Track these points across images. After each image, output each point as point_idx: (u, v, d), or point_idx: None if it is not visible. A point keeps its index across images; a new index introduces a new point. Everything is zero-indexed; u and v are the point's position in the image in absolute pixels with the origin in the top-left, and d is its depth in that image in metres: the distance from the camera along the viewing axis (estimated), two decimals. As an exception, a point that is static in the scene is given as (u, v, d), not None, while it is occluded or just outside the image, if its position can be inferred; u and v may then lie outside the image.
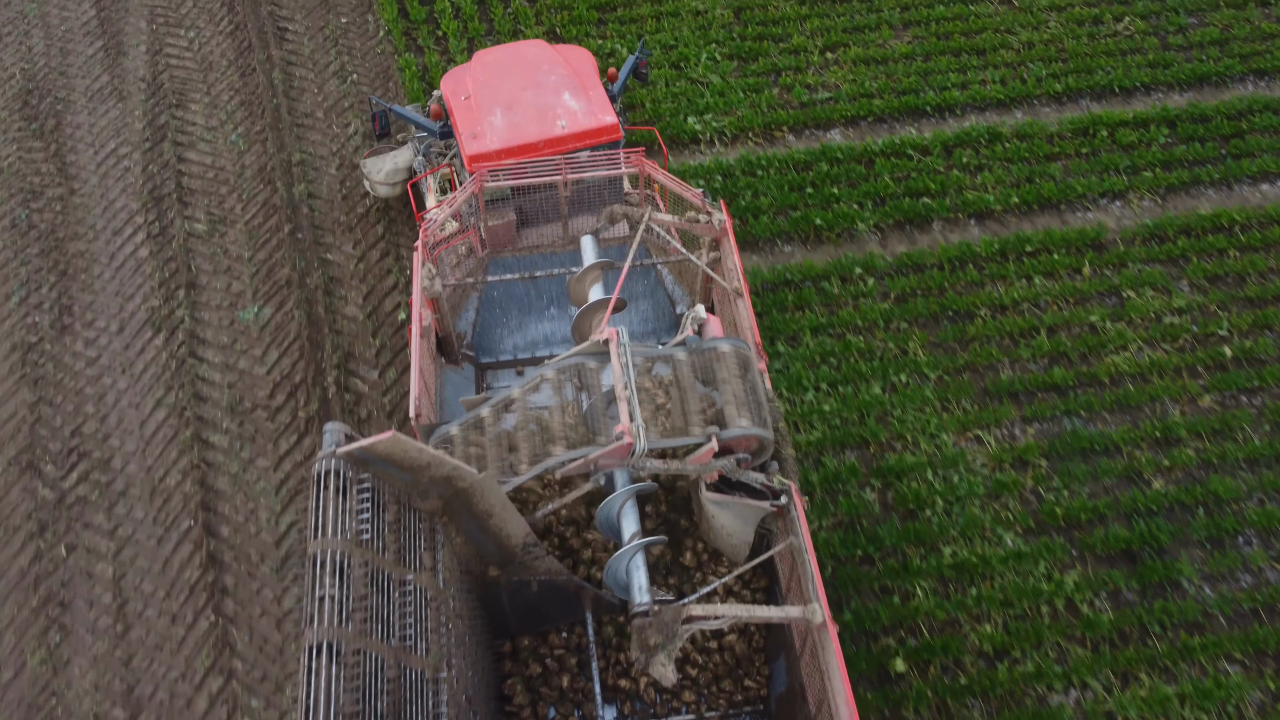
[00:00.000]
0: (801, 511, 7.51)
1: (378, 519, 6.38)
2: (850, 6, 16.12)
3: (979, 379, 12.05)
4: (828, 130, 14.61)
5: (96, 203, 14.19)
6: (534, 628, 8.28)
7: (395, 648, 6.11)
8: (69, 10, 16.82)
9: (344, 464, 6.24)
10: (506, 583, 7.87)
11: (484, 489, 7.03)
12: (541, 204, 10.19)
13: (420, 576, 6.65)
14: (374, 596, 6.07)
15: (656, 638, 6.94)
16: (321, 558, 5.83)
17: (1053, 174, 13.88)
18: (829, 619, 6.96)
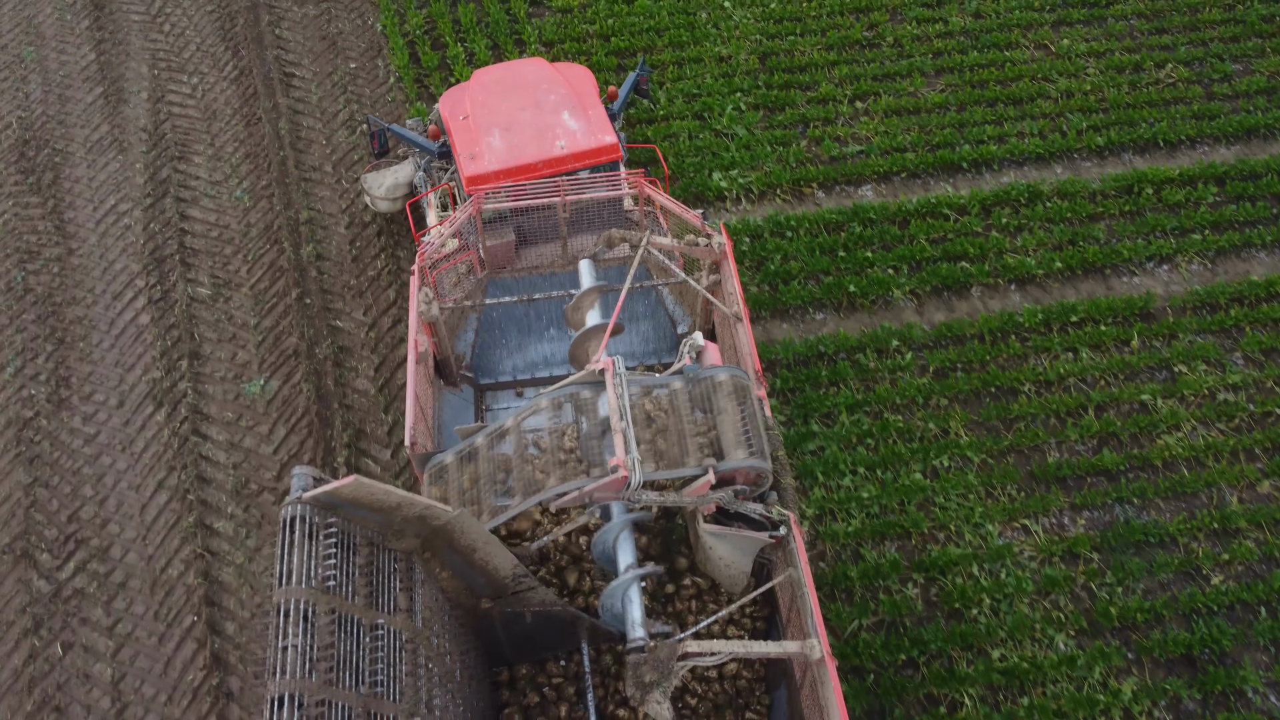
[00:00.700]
0: (801, 543, 7.44)
1: (347, 563, 6.28)
2: (880, 53, 15.48)
3: (1025, 462, 11.42)
4: (859, 186, 13.98)
5: (95, 264, 13.59)
6: (531, 656, 8.19)
7: (364, 695, 6.00)
8: (67, 54, 16.21)
9: (310, 510, 6.13)
10: (500, 613, 7.74)
11: (462, 526, 6.88)
12: (541, 224, 10.11)
13: (394, 619, 6.54)
14: (342, 643, 5.97)
15: (652, 675, 6.83)
16: (285, 607, 5.74)
17: (1096, 236, 13.24)
18: (828, 654, 6.86)
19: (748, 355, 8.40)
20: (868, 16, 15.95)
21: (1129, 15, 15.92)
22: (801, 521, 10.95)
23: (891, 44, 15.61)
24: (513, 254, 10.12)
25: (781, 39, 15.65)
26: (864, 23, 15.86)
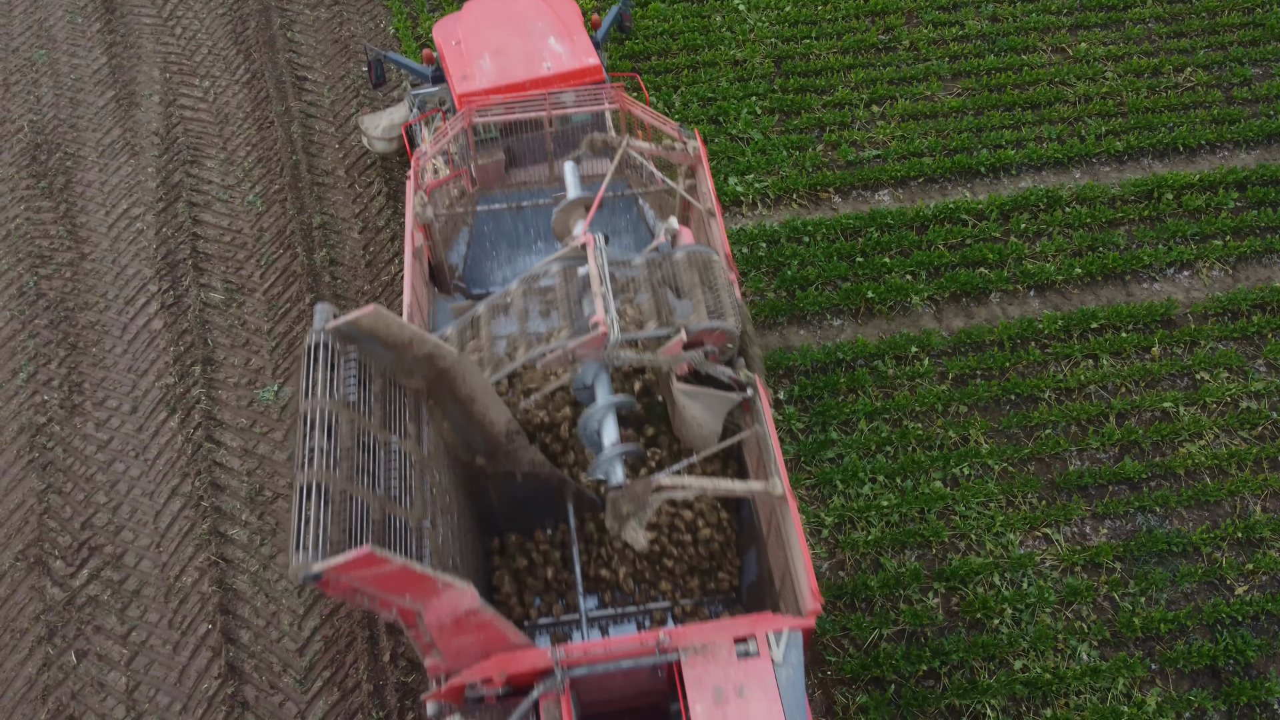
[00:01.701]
0: (766, 403, 8.13)
1: (364, 389, 6.81)
2: (896, 56, 15.37)
3: (1045, 470, 11.31)
4: (876, 191, 13.87)
5: (108, 269, 13.53)
6: (521, 526, 8.84)
7: (380, 496, 6.51)
8: (79, 58, 16.16)
9: (332, 338, 6.68)
10: (494, 474, 8.27)
11: (465, 371, 7.49)
12: (529, 144, 10.86)
13: (405, 443, 7.10)
14: (360, 453, 6.50)
15: (628, 507, 7.49)
16: (311, 416, 6.29)
17: (1116, 242, 13.13)
18: (789, 493, 7.53)
19: (720, 247, 9.24)
20: (883, 20, 15.86)
21: (1147, 18, 15.81)
22: (821, 530, 10.88)
23: (908, 48, 15.51)
24: (503, 172, 10.92)
25: (797, 42, 15.56)
26: (880, 26, 15.76)
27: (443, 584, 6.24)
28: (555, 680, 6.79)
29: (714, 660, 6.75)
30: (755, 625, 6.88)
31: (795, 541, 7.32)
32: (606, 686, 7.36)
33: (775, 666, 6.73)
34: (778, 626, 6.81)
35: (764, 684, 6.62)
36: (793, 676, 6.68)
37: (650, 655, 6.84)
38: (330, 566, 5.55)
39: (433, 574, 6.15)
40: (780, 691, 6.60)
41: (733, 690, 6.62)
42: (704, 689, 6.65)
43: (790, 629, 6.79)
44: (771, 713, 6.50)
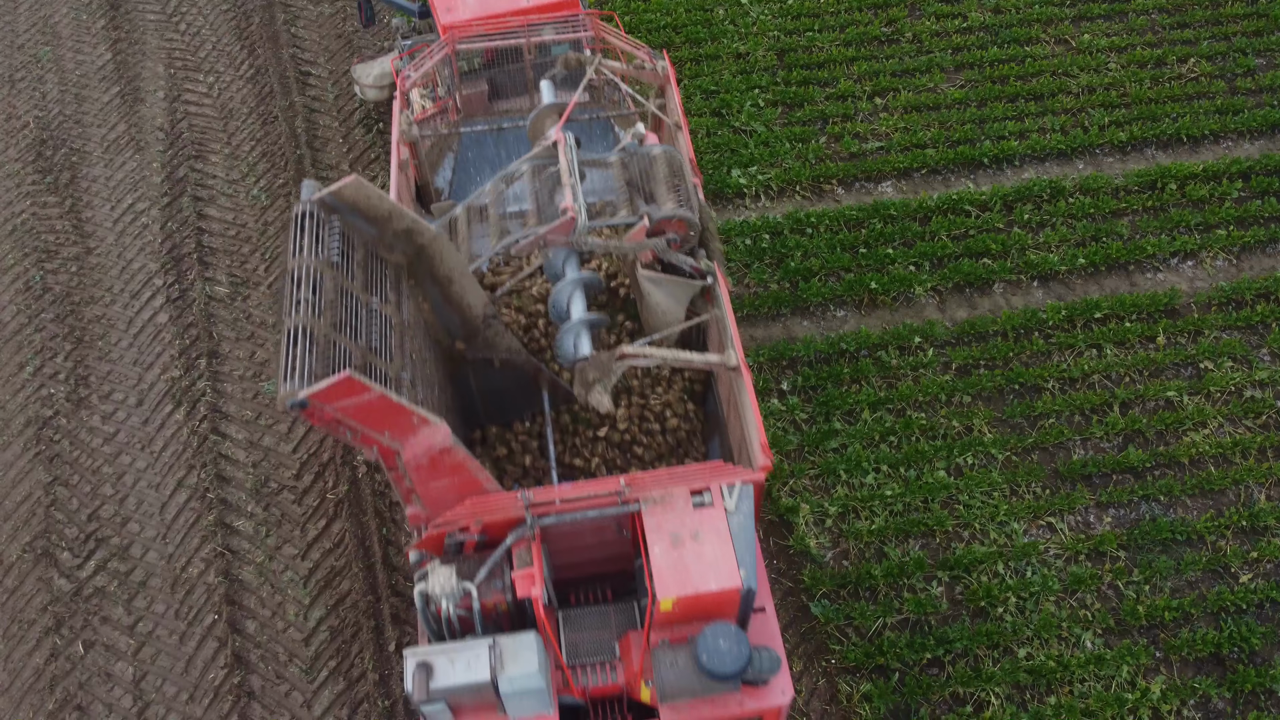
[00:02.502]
0: (725, 289, 8.67)
1: (347, 256, 7.27)
2: (899, 48, 15.37)
3: (1049, 460, 11.31)
4: (879, 183, 13.88)
5: (114, 263, 13.58)
6: (500, 417, 9.26)
7: (361, 347, 6.92)
8: (84, 54, 16.22)
9: (318, 209, 7.10)
10: (473, 360, 8.66)
11: (442, 250, 7.90)
12: (511, 76, 11.46)
13: (385, 307, 7.53)
14: (342, 308, 6.93)
15: (595, 374, 7.98)
16: (298, 274, 6.73)
17: (1120, 232, 13.12)
18: (744, 364, 8.05)
19: (686, 155, 9.72)
20: (886, 12, 15.85)
21: (1150, 9, 15.78)
22: (825, 520, 10.90)
23: (910, 40, 15.51)
24: (486, 103, 11.53)
25: (800, 35, 15.56)
26: (882, 19, 15.76)
27: (418, 418, 6.64)
28: (526, 527, 7.15)
29: (671, 509, 7.18)
30: (710, 478, 7.31)
31: (748, 408, 7.78)
32: (577, 546, 7.78)
33: (728, 514, 7.16)
34: (731, 480, 7.27)
35: (717, 529, 7.07)
36: (744, 523, 7.14)
37: (613, 505, 7.21)
38: (313, 392, 5.95)
39: (409, 405, 6.54)
40: (732, 535, 7.06)
41: (689, 534, 7.06)
42: (662, 533, 7.09)
43: (742, 482, 7.26)
44: (723, 553, 6.96)
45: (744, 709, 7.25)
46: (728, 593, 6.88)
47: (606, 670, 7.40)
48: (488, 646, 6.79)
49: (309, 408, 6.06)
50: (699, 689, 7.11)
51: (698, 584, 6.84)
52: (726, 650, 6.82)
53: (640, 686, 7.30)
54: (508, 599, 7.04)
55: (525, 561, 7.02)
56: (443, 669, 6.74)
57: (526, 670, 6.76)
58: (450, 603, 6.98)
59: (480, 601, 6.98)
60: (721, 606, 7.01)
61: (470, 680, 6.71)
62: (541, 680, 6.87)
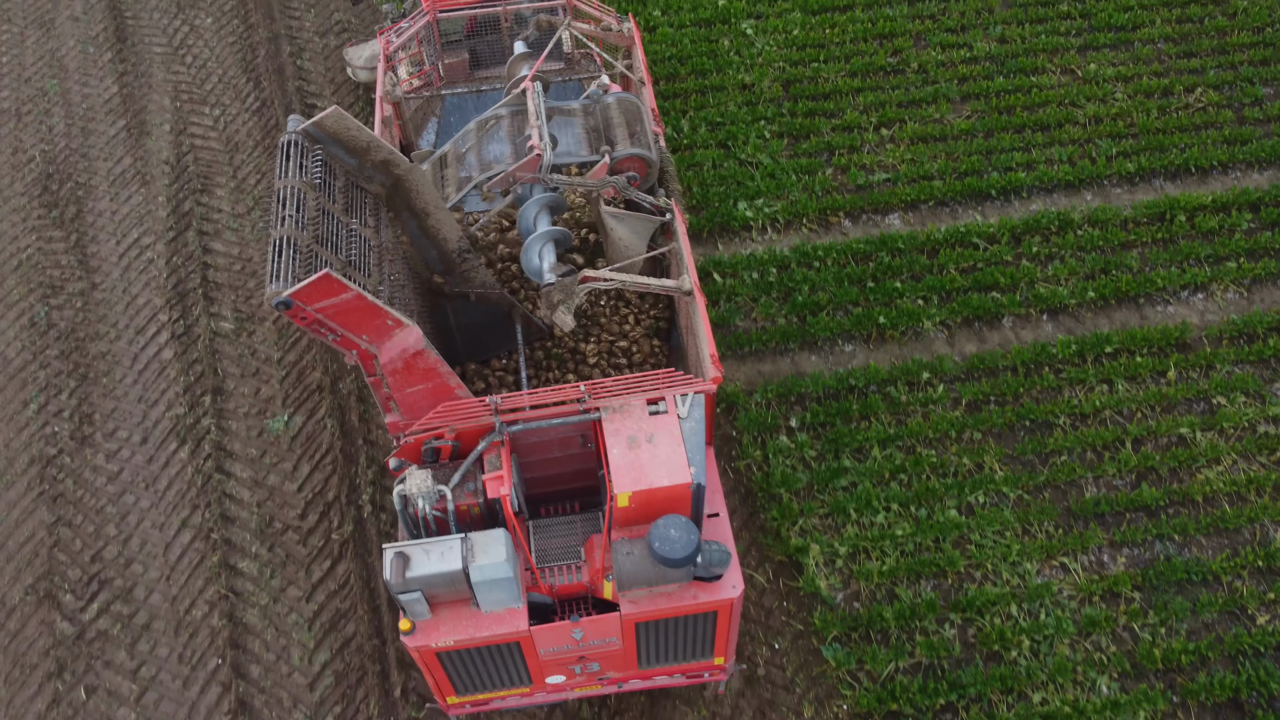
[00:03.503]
0: (681, 224, 9.36)
1: (329, 181, 7.85)
2: (905, 79, 15.34)
3: (1061, 498, 11.18)
4: (886, 215, 13.81)
5: (119, 298, 13.54)
6: (478, 355, 9.82)
7: (341, 260, 7.48)
8: (90, 87, 16.24)
9: (302, 139, 7.74)
10: (451, 294, 9.18)
11: (418, 183, 8.46)
12: (491, 46, 12.14)
13: (365, 229, 8.05)
14: (324, 225, 7.50)
15: (559, 296, 8.55)
16: (283, 193, 7.31)
17: (1129, 264, 13.03)
18: (697, 288, 8.65)
19: (649, 107, 10.52)
20: (891, 43, 15.84)
21: (1156, 39, 15.75)
22: (835, 560, 10.77)
23: (916, 70, 15.48)
24: (467, 71, 12.06)
25: (805, 66, 15.54)
26: (888, 49, 15.74)
27: (392, 320, 7.24)
28: (495, 433, 7.72)
29: (629, 416, 7.76)
30: (665, 387, 7.90)
31: (700, 328, 8.39)
32: (546, 460, 8.36)
33: (681, 421, 7.72)
34: (684, 389, 7.87)
35: (671, 433, 7.65)
36: (695, 428, 7.72)
37: (576, 414, 7.80)
38: (295, 290, 6.60)
39: (384, 306, 7.13)
40: (684, 438, 7.63)
41: (644, 437, 7.64)
42: (620, 437, 7.65)
43: (695, 392, 7.86)
44: (675, 453, 7.54)
45: (697, 602, 7.77)
46: (679, 488, 7.44)
47: (572, 571, 7.95)
48: (460, 540, 7.33)
49: (292, 308, 6.69)
50: (653, 577, 7.61)
51: (652, 479, 7.41)
52: (677, 538, 7.35)
53: (603, 584, 7.78)
54: (480, 503, 7.60)
55: (495, 466, 7.60)
56: (419, 559, 7.27)
57: (495, 560, 7.27)
58: (427, 503, 7.50)
59: (454, 504, 7.56)
60: (675, 502, 7.55)
61: (443, 569, 7.22)
62: (509, 570, 7.35)
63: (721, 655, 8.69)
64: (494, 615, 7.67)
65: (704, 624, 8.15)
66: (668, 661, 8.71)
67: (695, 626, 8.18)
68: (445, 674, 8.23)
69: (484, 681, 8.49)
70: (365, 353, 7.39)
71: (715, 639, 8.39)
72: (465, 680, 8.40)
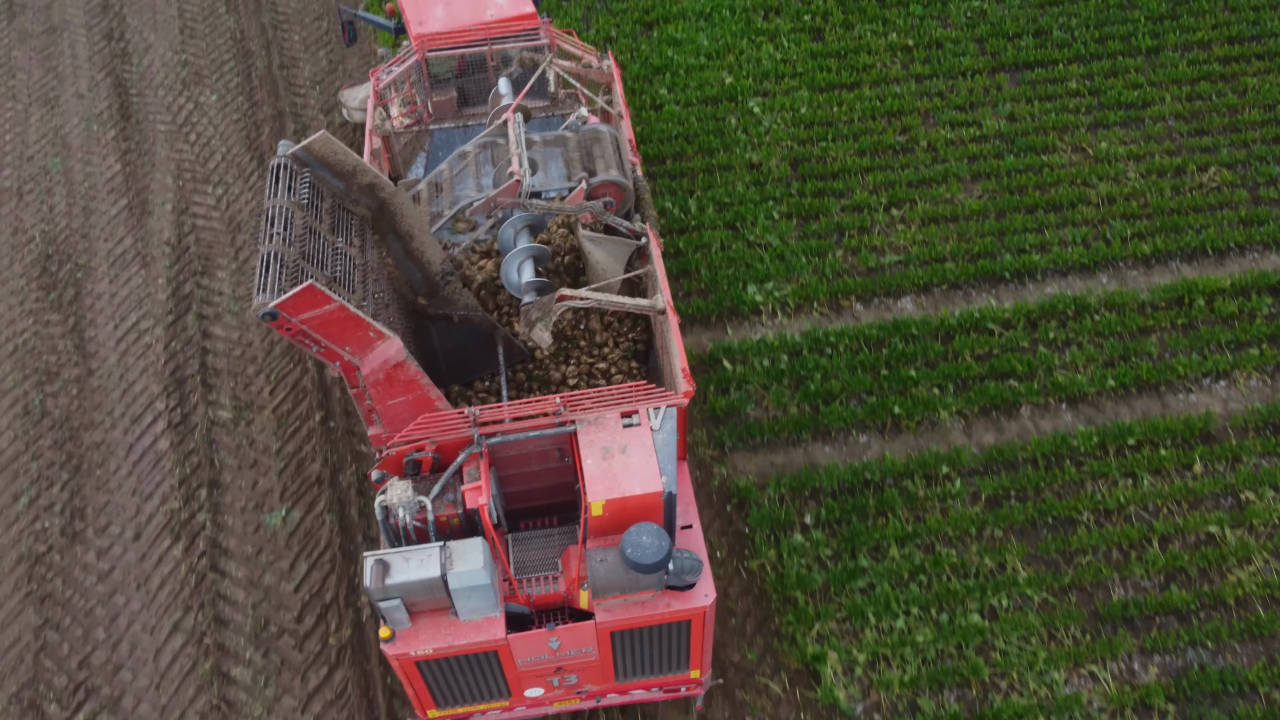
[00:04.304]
0: (656, 246, 9.70)
1: (315, 203, 8.21)
2: (914, 157, 15.19)
3: (1088, 600, 10.76)
4: (899, 298, 13.56)
5: (115, 385, 13.25)
6: (462, 377, 10.01)
7: (325, 276, 7.80)
8: (93, 165, 16.13)
9: (291, 163, 8.17)
10: (434, 316, 9.40)
11: (403, 206, 8.80)
12: (479, 85, 12.65)
13: (350, 248, 8.39)
14: (310, 243, 7.85)
15: (537, 314, 8.88)
16: (272, 213, 7.67)
17: (1149, 350, 12.73)
18: (670, 307, 8.98)
19: (626, 138, 10.93)
20: (900, 120, 15.72)
21: (1167, 116, 15.63)
22: (854, 669, 10.33)
23: (925, 149, 15.34)
24: (455, 108, 12.59)
25: (813, 144, 15.41)
26: (896, 127, 15.62)
27: (374, 332, 7.55)
28: (474, 445, 7.93)
29: (604, 428, 8.00)
30: (639, 400, 8.12)
31: (673, 345, 8.71)
32: (525, 473, 8.58)
33: (654, 433, 7.96)
34: (657, 403, 8.10)
35: (643, 444, 7.88)
36: (667, 439, 7.97)
37: (552, 426, 8.03)
38: (281, 301, 6.93)
39: (366, 318, 7.46)
40: (656, 448, 7.85)
41: (618, 448, 7.87)
42: (595, 448, 7.88)
43: (667, 405, 8.11)
44: (648, 463, 7.75)
45: (671, 610, 7.91)
46: (651, 496, 7.64)
47: (550, 581, 8.13)
48: (439, 548, 7.52)
49: (278, 319, 7.03)
50: (627, 584, 7.72)
51: (624, 488, 7.63)
52: (649, 544, 7.51)
53: (579, 593, 7.93)
54: (459, 513, 7.77)
55: (474, 477, 7.78)
56: (398, 566, 7.45)
57: (473, 568, 7.42)
58: (407, 513, 7.71)
59: (434, 515, 7.74)
60: (647, 511, 7.73)
61: (422, 576, 7.38)
62: (487, 578, 7.49)
63: (697, 668, 8.81)
64: (472, 624, 7.80)
65: (678, 634, 8.30)
66: (644, 673, 8.82)
67: (670, 636, 8.32)
68: (425, 685, 8.28)
69: (463, 694, 8.59)
70: (348, 364, 7.70)
71: (690, 650, 8.53)
72: (445, 692, 8.49)
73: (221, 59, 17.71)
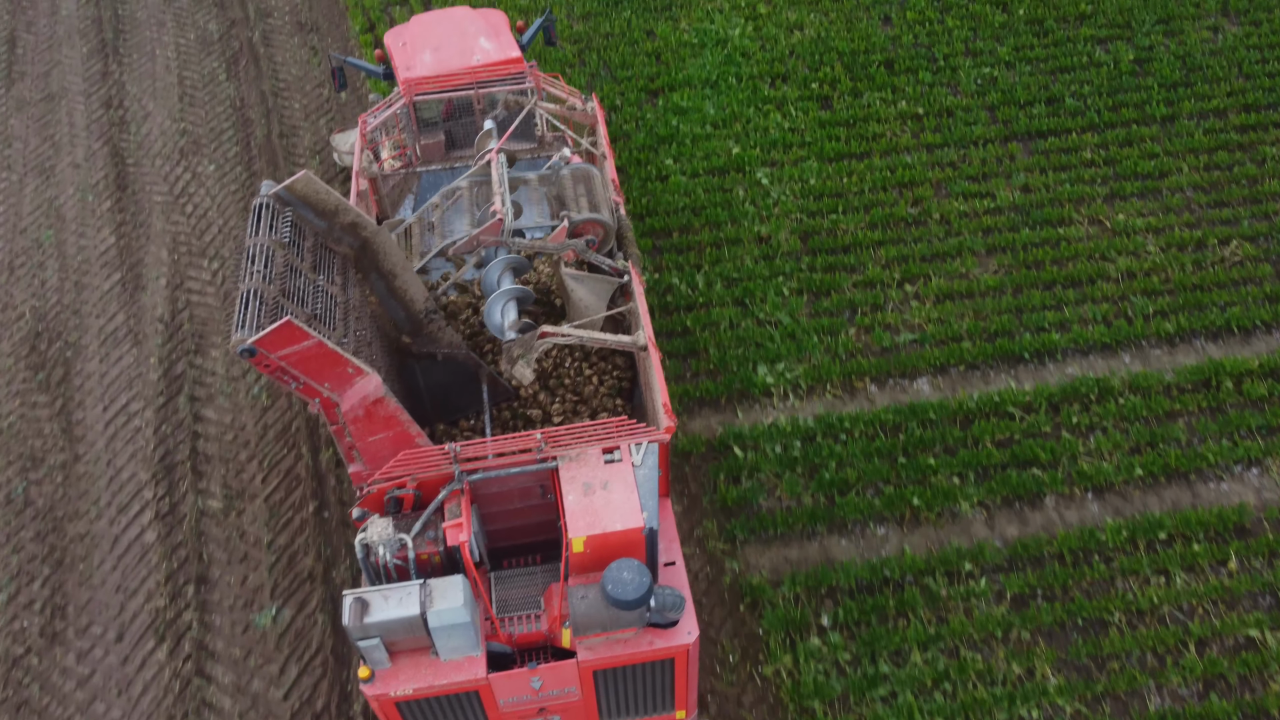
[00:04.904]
0: (638, 284, 9.89)
1: (297, 241, 8.32)
2: (927, 230, 14.82)
3: (1123, 710, 10.16)
4: (914, 380, 13.10)
5: (102, 472, 12.77)
6: (446, 416, 9.96)
7: (305, 313, 7.85)
8: (87, 238, 15.80)
9: (274, 203, 8.26)
10: (419, 355, 9.39)
11: (385, 245, 8.88)
12: (466, 129, 12.84)
13: (331, 286, 8.44)
14: (290, 280, 7.91)
15: (519, 350, 8.99)
16: (253, 251, 7.73)
17: (1176, 436, 12.24)
18: (652, 344, 9.13)
19: (609, 179, 11.11)
20: (911, 191, 15.38)
21: (1185, 187, 15.28)
22: (876, 790, 9.70)
23: (938, 221, 14.98)
24: (443, 151, 12.79)
25: (823, 216, 15.05)
26: (908, 198, 15.28)
27: (353, 368, 7.57)
28: (456, 481, 7.91)
29: (585, 464, 8.03)
30: (620, 437, 8.14)
31: (654, 380, 8.79)
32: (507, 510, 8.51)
33: (635, 468, 7.97)
34: (639, 439, 8.15)
35: (625, 480, 7.90)
36: (649, 475, 7.97)
37: (533, 462, 8.04)
38: (259, 337, 6.96)
39: (344, 353, 7.48)
40: (637, 484, 7.87)
41: (599, 484, 7.88)
42: (576, 484, 7.91)
43: (649, 441, 8.15)
44: (629, 499, 7.76)
45: (654, 648, 7.82)
46: (632, 532, 7.65)
47: (532, 620, 8.04)
48: (419, 586, 7.41)
49: (256, 355, 7.03)
50: (608, 621, 7.66)
51: (605, 524, 7.64)
52: (629, 580, 7.47)
53: (561, 632, 7.85)
54: (440, 550, 7.71)
55: (455, 514, 7.75)
56: (377, 605, 7.32)
57: (453, 605, 7.30)
58: (388, 551, 7.65)
59: (415, 552, 7.66)
60: (629, 547, 7.71)
61: (401, 614, 7.26)
62: (467, 615, 7.39)
63: (682, 708, 8.67)
64: (453, 663, 7.67)
65: (662, 672, 8.17)
66: (629, 714, 8.62)
67: (653, 675, 8.19)
68: None
69: None
70: (327, 400, 7.68)
71: (674, 689, 8.39)
72: None
73: (220, 127, 17.47)
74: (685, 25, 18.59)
